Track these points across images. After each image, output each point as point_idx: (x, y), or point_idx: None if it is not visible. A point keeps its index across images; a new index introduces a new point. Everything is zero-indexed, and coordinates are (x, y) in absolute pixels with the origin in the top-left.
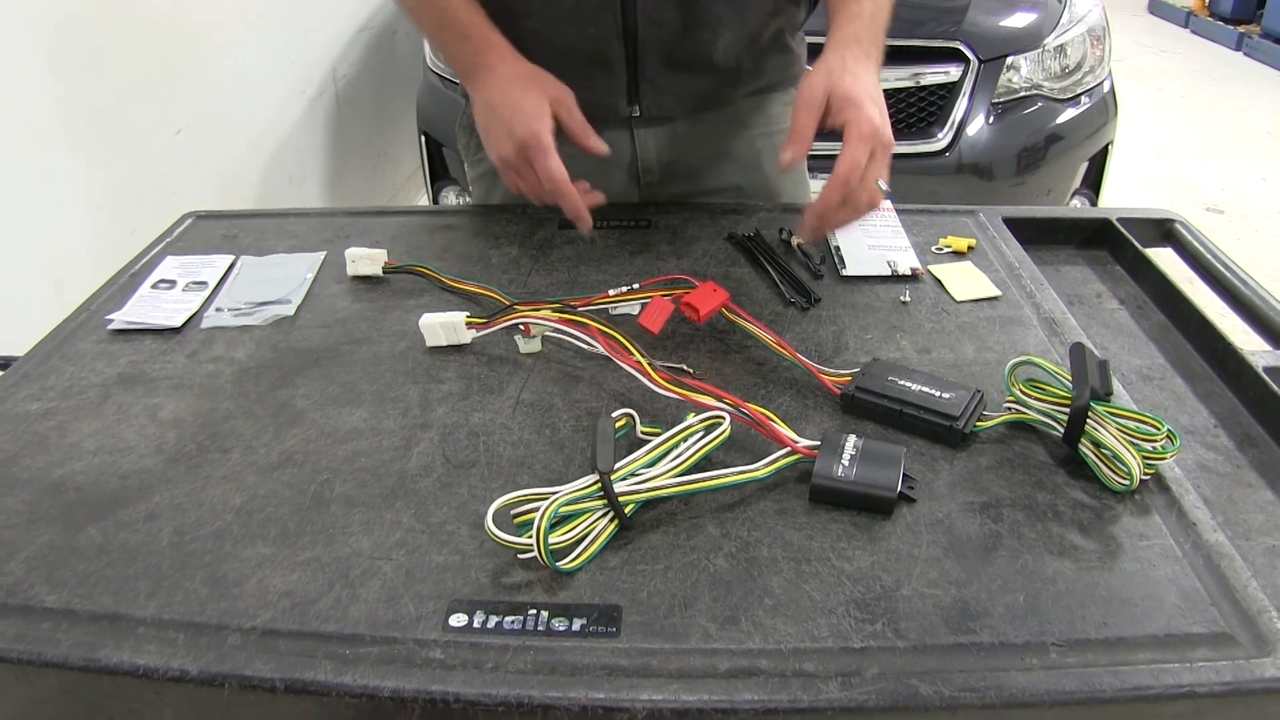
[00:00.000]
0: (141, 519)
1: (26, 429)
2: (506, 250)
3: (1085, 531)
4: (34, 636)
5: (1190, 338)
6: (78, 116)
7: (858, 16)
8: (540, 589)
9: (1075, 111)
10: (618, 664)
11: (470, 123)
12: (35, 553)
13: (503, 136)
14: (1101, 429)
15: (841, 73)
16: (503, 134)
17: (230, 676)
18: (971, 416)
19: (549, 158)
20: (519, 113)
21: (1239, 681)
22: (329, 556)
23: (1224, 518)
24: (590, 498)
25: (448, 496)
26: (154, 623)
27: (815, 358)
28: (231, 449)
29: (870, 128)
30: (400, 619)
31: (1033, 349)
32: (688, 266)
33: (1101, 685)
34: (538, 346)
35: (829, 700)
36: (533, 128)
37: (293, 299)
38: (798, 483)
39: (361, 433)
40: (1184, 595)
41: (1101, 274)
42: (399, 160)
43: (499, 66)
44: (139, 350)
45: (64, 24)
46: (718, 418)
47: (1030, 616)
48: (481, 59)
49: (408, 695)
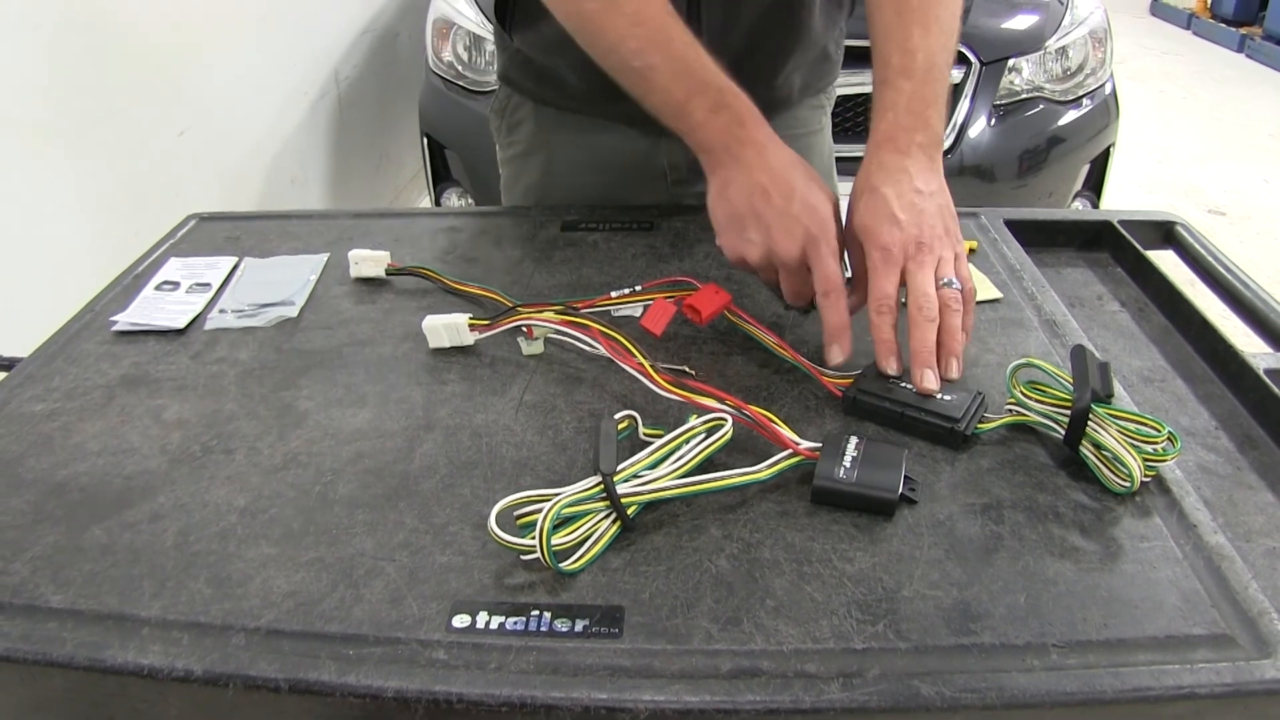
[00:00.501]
0: (146, 519)
1: (31, 430)
2: (509, 252)
3: (1086, 533)
4: (39, 636)
5: (1191, 340)
6: (80, 118)
7: (893, 106)
8: (543, 590)
9: (1077, 113)
10: (620, 664)
11: (503, 105)
12: (40, 553)
13: (785, 229)
14: (1102, 431)
15: (861, 190)
16: (785, 226)
17: (234, 676)
18: (973, 418)
19: (835, 262)
20: (810, 208)
21: (1239, 683)
22: (333, 557)
23: (1225, 519)
24: (593, 499)
25: (451, 497)
26: (158, 623)
27: (817, 360)
28: (235, 450)
29: (886, 241)
30: (404, 619)
31: (1034, 351)
32: (690, 268)
33: (1102, 686)
34: (540, 348)
35: (830, 701)
36: (828, 226)
37: (296, 300)
38: (799, 484)
39: (365, 434)
40: (1185, 597)
41: (1103, 276)
42: (401, 162)
43: (769, 147)
44: (143, 351)
45: (66, 26)
46: (720, 420)
47: (1031, 618)
48: (747, 134)
49: (411, 695)
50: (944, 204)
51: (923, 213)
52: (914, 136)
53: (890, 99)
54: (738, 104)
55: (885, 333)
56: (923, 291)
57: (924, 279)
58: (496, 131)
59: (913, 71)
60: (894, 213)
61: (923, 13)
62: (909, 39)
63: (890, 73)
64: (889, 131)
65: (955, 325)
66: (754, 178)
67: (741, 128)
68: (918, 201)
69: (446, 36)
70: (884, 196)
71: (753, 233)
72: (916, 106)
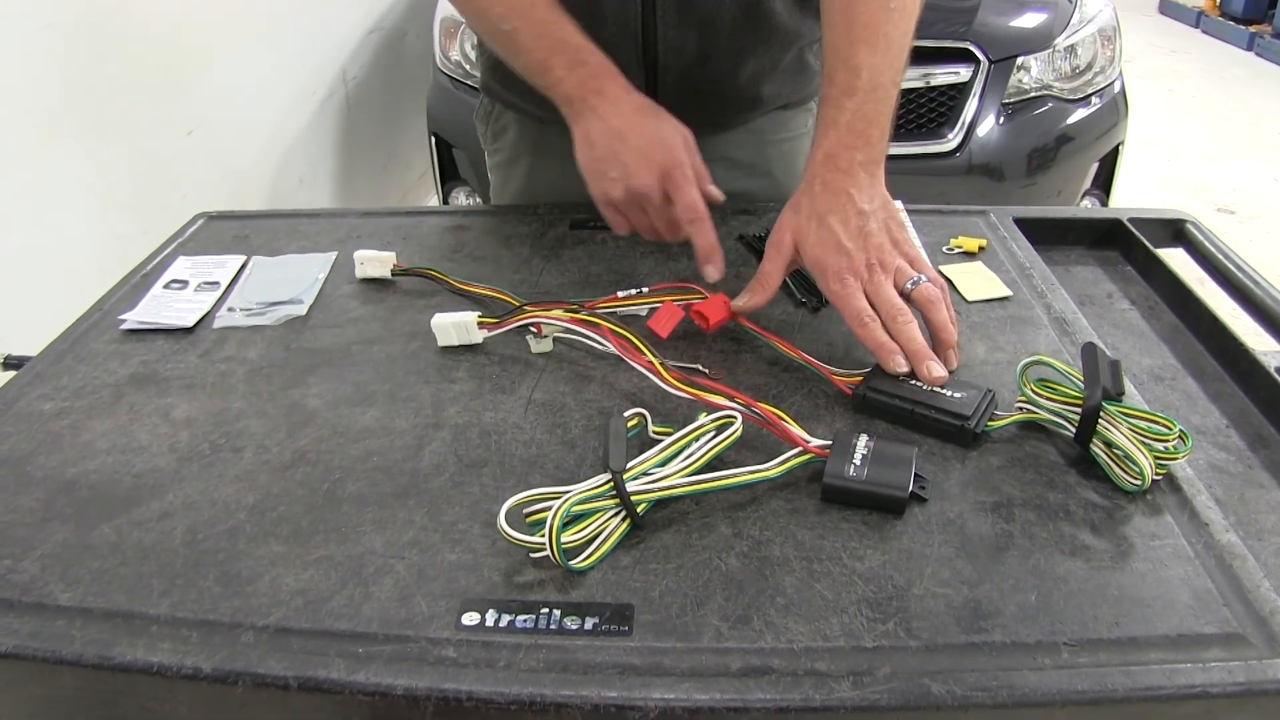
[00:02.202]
0: (155, 517)
1: (40, 428)
2: (518, 250)
3: (1097, 531)
4: (48, 634)
5: (1202, 338)
6: (90, 118)
7: (834, 124)
8: (553, 588)
9: (1086, 112)
10: (630, 663)
11: (487, 113)
12: (49, 551)
13: (640, 164)
14: (1113, 429)
15: (808, 216)
16: (640, 161)
17: (243, 674)
18: (983, 416)
19: (693, 189)
20: (661, 142)
21: (1251, 682)
22: (342, 555)
23: (1236, 518)
24: (602, 497)
25: (460, 495)
26: (167, 620)
27: (826, 358)
28: (244, 448)
29: (838, 272)
30: (413, 617)
31: (1044, 349)
32: (698, 268)
33: (1113, 685)
34: (549, 346)
35: (841, 699)
36: (678, 157)
37: (304, 299)
38: (809, 482)
39: (374, 432)
40: (1196, 595)
41: (1112, 274)
42: (409, 161)
43: (623, 98)
44: (151, 350)
45: (76, 26)
46: (729, 417)
47: (1042, 616)
48: (601, 85)
49: (420, 693)
50: (887, 216)
51: (869, 235)
52: (854, 155)
53: (833, 117)
54: (594, 60)
55: (878, 337)
56: (890, 303)
57: (887, 295)
58: (483, 138)
59: (856, 90)
60: (841, 243)
61: (871, 30)
62: (854, 57)
63: (835, 90)
64: (830, 150)
65: (942, 318)
66: (610, 124)
67: (596, 80)
68: (862, 225)
69: (454, 35)
70: (830, 227)
71: (613, 172)
72: (859, 125)
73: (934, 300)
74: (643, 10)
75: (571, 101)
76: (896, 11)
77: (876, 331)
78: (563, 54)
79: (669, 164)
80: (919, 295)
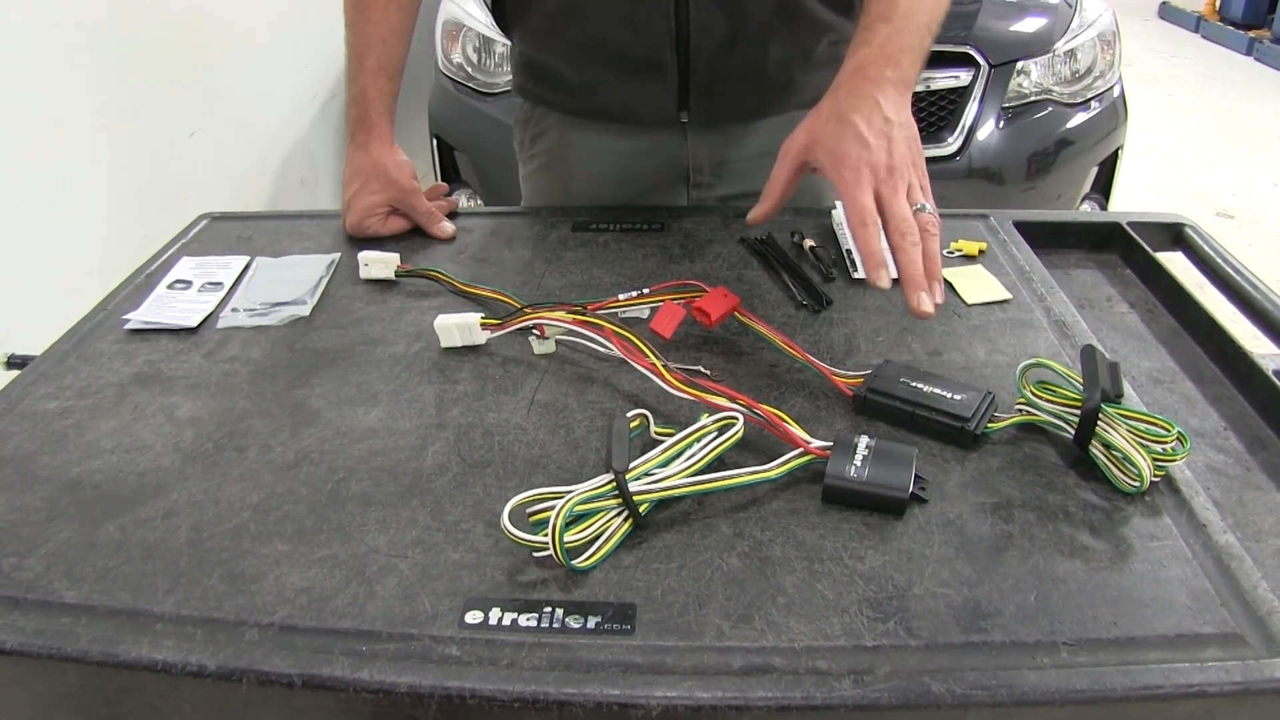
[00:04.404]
0: (159, 516)
1: (44, 427)
2: (520, 252)
3: (1096, 532)
4: (54, 631)
5: (1200, 341)
6: (92, 119)
7: (866, 44)
8: (555, 587)
9: (1085, 116)
10: (632, 661)
11: (526, 119)
12: (54, 549)
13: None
14: (1112, 431)
15: (828, 117)
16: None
17: (248, 672)
18: (983, 418)
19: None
20: (351, 208)
21: (1249, 681)
22: (346, 554)
23: (1234, 519)
24: (605, 497)
25: (463, 495)
26: (172, 618)
27: (827, 360)
28: (248, 448)
29: (855, 163)
30: (417, 616)
31: (1043, 351)
32: (700, 269)
33: (1112, 684)
34: (552, 348)
35: (842, 698)
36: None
37: (308, 300)
38: (810, 483)
39: (377, 432)
40: (1194, 596)
41: (1112, 278)
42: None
43: (355, 157)
44: (155, 350)
45: (79, 27)
46: (731, 418)
47: (1041, 616)
48: (355, 132)
49: (424, 691)
50: (912, 136)
51: (893, 140)
52: (884, 70)
53: (865, 38)
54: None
55: (874, 244)
56: (901, 216)
57: (899, 203)
58: (520, 146)
59: (890, 18)
60: (863, 135)
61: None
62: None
63: (869, 18)
64: (860, 63)
65: (934, 249)
66: (346, 166)
67: (356, 126)
68: (887, 130)
69: (456, 38)
70: (853, 123)
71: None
72: (891, 49)
73: (933, 231)
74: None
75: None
76: None
77: (873, 238)
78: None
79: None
80: (922, 219)
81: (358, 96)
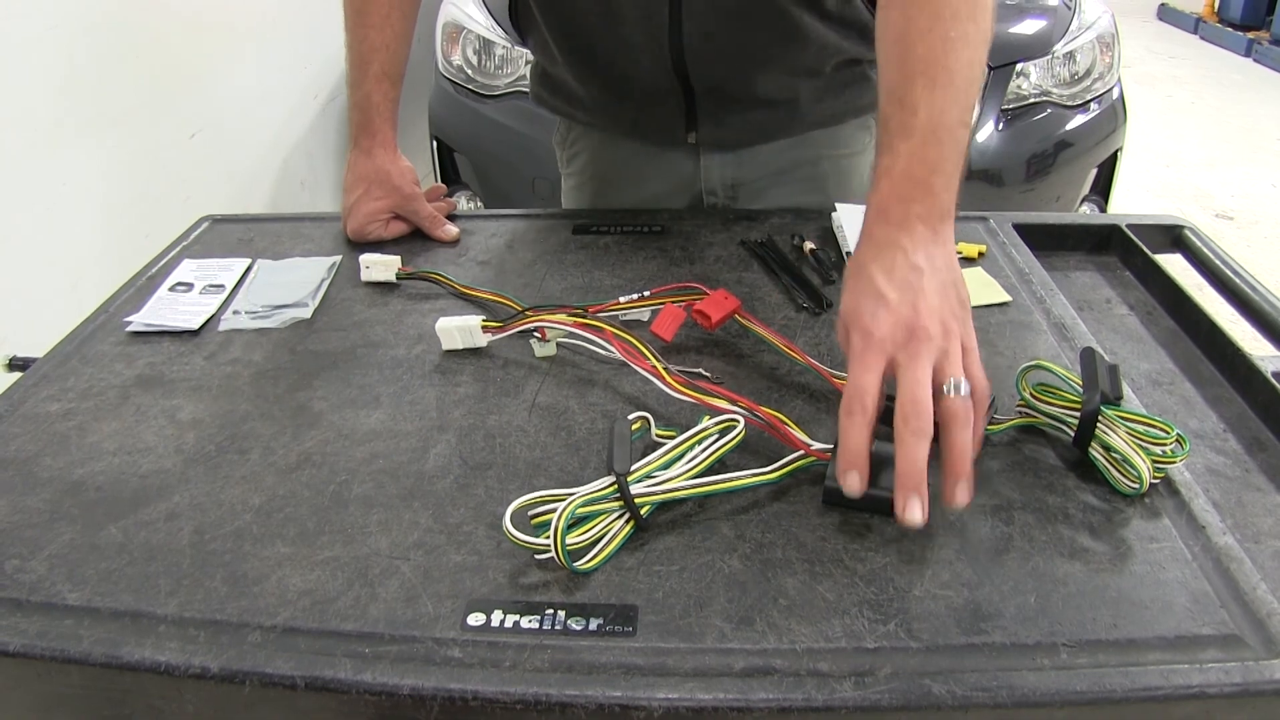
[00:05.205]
0: (162, 518)
1: (47, 429)
2: (521, 255)
3: (1095, 534)
4: (56, 633)
5: (1199, 343)
6: (93, 121)
7: (887, 173)
8: (557, 589)
9: (1084, 118)
10: (634, 663)
11: (563, 137)
12: (57, 551)
13: (344, 218)
14: (1111, 433)
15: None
16: (344, 217)
17: (250, 674)
18: (982, 420)
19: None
20: (353, 214)
21: (1248, 683)
22: (348, 556)
23: (1233, 521)
24: (607, 499)
25: (465, 497)
26: (175, 620)
27: (828, 362)
28: (250, 450)
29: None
30: (419, 618)
31: (1043, 353)
32: (701, 272)
33: (1112, 686)
34: (553, 350)
35: (843, 699)
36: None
37: (309, 302)
38: (811, 485)
39: (379, 434)
40: (1193, 597)
41: (1111, 280)
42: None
43: (358, 162)
44: (157, 352)
45: (80, 29)
46: (732, 421)
47: (1041, 617)
48: (359, 137)
49: (426, 693)
50: (949, 281)
51: (920, 292)
52: (910, 207)
53: (886, 165)
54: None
55: (852, 438)
56: (912, 396)
57: (915, 378)
58: (560, 163)
59: (912, 131)
60: (880, 290)
61: (928, 64)
62: (910, 94)
63: (888, 134)
64: (881, 204)
65: (964, 443)
66: (348, 173)
67: (359, 131)
68: (913, 279)
69: (456, 40)
70: (869, 275)
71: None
72: (916, 171)
73: (963, 419)
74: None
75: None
76: (958, 41)
77: (853, 429)
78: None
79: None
80: (950, 405)
81: (361, 103)
